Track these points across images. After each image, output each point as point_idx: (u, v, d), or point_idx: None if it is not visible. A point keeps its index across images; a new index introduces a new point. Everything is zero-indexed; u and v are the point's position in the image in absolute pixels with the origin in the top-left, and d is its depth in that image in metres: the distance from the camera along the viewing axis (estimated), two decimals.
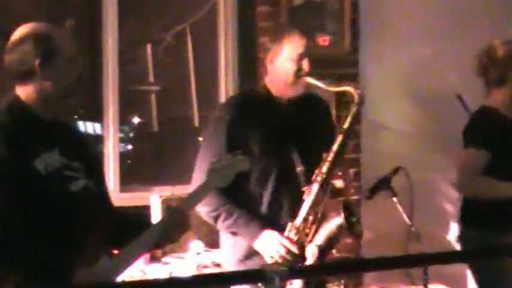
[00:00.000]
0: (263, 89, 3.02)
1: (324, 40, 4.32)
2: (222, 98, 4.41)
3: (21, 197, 2.16)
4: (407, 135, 4.60)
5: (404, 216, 3.25)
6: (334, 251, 4.29)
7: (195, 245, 3.78)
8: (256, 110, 2.99)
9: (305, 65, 2.92)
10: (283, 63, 2.94)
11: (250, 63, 4.30)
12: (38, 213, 2.18)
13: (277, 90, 2.99)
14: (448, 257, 2.45)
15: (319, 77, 2.94)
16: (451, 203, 4.51)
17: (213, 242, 3.86)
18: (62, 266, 2.17)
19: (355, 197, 4.48)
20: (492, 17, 4.65)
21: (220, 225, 2.95)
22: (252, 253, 2.92)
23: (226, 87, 4.43)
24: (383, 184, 3.31)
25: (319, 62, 3.19)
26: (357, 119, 2.96)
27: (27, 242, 2.14)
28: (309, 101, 3.07)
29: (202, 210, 2.93)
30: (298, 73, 2.92)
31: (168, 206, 2.54)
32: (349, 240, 4.50)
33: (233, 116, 2.95)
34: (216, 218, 2.93)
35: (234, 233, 2.94)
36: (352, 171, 4.52)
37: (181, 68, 4.56)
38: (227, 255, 3.06)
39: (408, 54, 4.52)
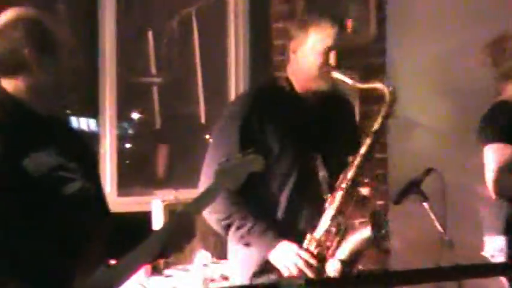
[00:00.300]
0: (285, 82, 3.00)
1: (346, 26, 4.32)
2: (232, 92, 4.42)
3: (12, 200, 2.17)
4: (440, 133, 4.59)
5: (437, 224, 3.24)
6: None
7: (201, 256, 3.78)
8: (275, 106, 2.96)
9: (332, 58, 2.90)
10: (308, 55, 2.91)
11: (264, 52, 4.31)
12: (31, 217, 2.20)
13: (299, 84, 2.98)
14: (486, 270, 2.43)
15: (345, 72, 2.91)
16: (489, 208, 4.51)
17: (221, 253, 3.87)
18: (55, 276, 2.18)
19: (381, 202, 4.49)
20: None
21: (232, 236, 2.93)
22: (265, 268, 2.91)
23: (236, 80, 4.45)
24: (413, 187, 3.30)
25: (341, 51, 3.19)
26: (386, 120, 2.94)
27: (19, 248, 2.16)
28: (334, 100, 3.06)
29: (213, 217, 2.91)
30: (323, 67, 2.90)
31: (172, 212, 2.56)
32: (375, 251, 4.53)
33: (248, 111, 2.92)
34: (228, 227, 2.91)
35: (247, 244, 2.93)
36: (378, 172, 4.53)
37: (187, 58, 4.57)
38: (237, 270, 3.04)
39: (442, 42, 4.50)
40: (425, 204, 3.25)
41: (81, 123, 4.12)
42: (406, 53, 4.46)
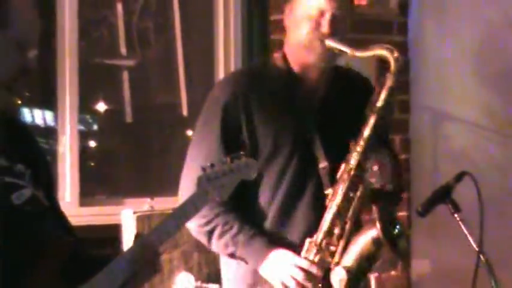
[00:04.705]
0: (280, 61, 3.03)
1: None
2: (220, 77, 4.42)
3: None
4: (476, 129, 4.60)
5: (471, 240, 3.25)
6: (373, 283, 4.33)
7: (183, 279, 3.80)
8: (267, 90, 2.99)
9: (325, 24, 2.92)
10: (297, 22, 2.95)
11: (260, 28, 4.31)
12: None
13: (294, 59, 3.00)
14: None
15: (342, 40, 2.93)
16: None
17: (207, 275, 3.88)
18: None
19: (403, 213, 4.51)
20: None
21: (215, 244, 2.95)
22: (256, 283, 2.93)
23: (225, 64, 4.45)
24: (442, 195, 3.30)
25: (354, 27, 3.20)
26: (393, 94, 2.95)
27: None
28: (344, 78, 3.09)
29: (192, 224, 2.92)
30: (313, 35, 2.92)
31: (137, 235, 2.52)
32: (394, 273, 4.54)
33: (232, 98, 2.94)
34: (210, 234, 2.93)
35: (231, 255, 2.94)
36: None
37: (165, 37, 4.58)
38: (229, 285, 3.07)
39: (479, 17, 4.52)
40: (456, 216, 3.25)
41: (34, 116, 4.13)
42: (434, 30, 4.46)
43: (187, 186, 2.89)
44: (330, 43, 2.91)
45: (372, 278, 4.30)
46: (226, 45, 4.45)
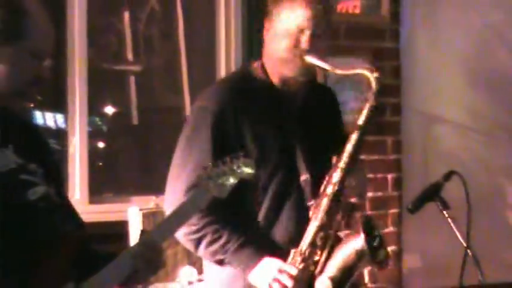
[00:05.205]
0: (259, 70, 2.98)
1: (354, 6, 4.33)
2: None
3: None
4: (463, 131, 4.60)
5: (459, 236, 3.26)
6: (367, 281, 4.33)
7: (186, 273, 3.80)
8: (249, 100, 2.93)
9: (304, 41, 2.86)
10: (277, 36, 2.89)
11: (258, 36, 4.31)
12: None
13: (272, 71, 2.96)
14: None
15: (322, 57, 2.87)
16: None
17: None
18: None
19: (394, 211, 4.51)
20: None
21: (203, 252, 2.89)
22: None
23: (226, 67, 4.45)
24: (431, 193, 3.30)
25: (348, 34, 3.20)
26: (374, 113, 2.91)
27: None
28: (315, 91, 3.07)
29: (180, 232, 2.84)
30: (292, 51, 2.87)
31: (143, 232, 2.50)
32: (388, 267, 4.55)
33: (221, 107, 2.87)
34: (198, 242, 2.87)
35: (220, 262, 2.90)
36: (390, 176, 4.54)
37: (169, 43, 4.58)
38: None
39: (469, 24, 4.52)
40: (445, 213, 3.26)
41: (46, 118, 4.13)
42: (425, 37, 4.47)
43: (173, 199, 2.86)
44: (310, 59, 2.87)
45: (365, 271, 4.30)
46: (227, 51, 4.46)
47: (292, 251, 2.86)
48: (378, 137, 4.47)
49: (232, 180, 2.42)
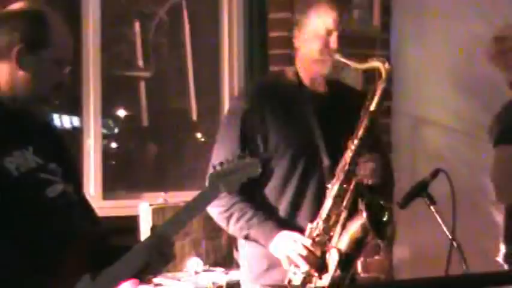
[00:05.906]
0: (293, 75, 3.11)
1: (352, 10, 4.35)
2: (225, 86, 4.44)
3: None
4: (449, 133, 4.61)
5: (445, 229, 3.26)
6: (360, 271, 4.35)
7: (193, 263, 3.81)
8: (279, 99, 3.07)
9: (333, 42, 3.00)
10: (308, 39, 3.03)
11: (260, 44, 4.32)
12: (7, 222, 2.21)
13: (305, 74, 3.09)
14: (499, 278, 2.45)
15: (347, 55, 3.02)
16: (502, 213, 4.53)
17: (214, 260, 3.90)
18: (34, 287, 2.20)
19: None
20: None
21: (233, 229, 3.04)
22: (270, 266, 3.01)
23: (230, 73, 4.46)
24: (419, 190, 3.31)
25: (342, 43, 3.22)
26: (384, 99, 3.04)
27: None
28: (344, 92, 3.19)
29: (214, 211, 3.03)
30: (324, 51, 3.00)
31: (153, 226, 2.51)
32: (378, 258, 4.56)
33: (250, 106, 3.04)
34: (228, 219, 3.02)
35: (246, 237, 3.02)
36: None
37: (177, 50, 4.59)
38: (244, 272, 3.16)
39: (454, 32, 4.52)
40: (432, 208, 3.27)
41: (63, 120, 4.14)
42: (413, 45, 4.48)
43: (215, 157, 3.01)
44: (339, 58, 3.00)
45: (358, 262, 4.32)
46: (230, 58, 4.47)
47: (309, 226, 2.97)
48: None
49: (239, 179, 2.45)
